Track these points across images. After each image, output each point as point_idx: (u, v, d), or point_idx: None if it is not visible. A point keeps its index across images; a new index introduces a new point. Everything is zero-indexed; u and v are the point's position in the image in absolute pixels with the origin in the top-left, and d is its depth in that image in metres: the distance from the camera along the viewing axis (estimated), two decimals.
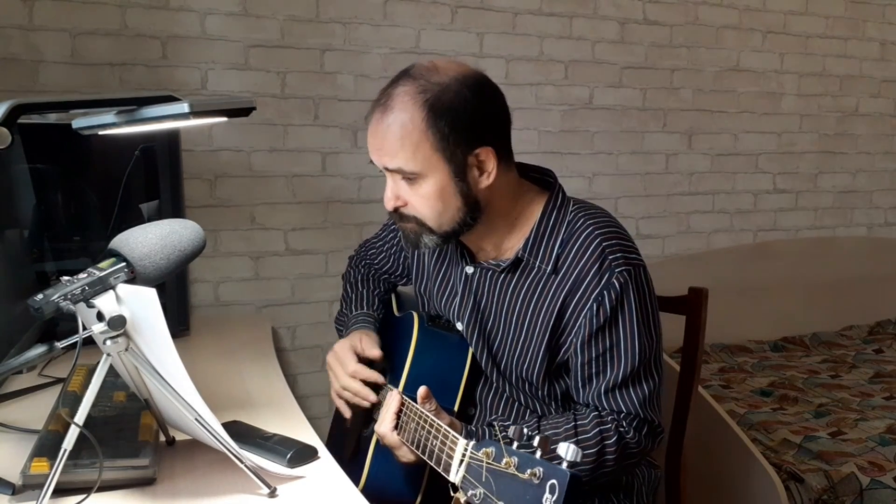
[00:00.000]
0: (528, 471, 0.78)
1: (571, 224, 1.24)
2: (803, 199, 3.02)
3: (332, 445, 1.41)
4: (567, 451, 0.78)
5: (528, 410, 1.31)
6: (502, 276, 1.29)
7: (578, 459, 0.78)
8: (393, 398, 1.19)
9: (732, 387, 2.39)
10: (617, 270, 1.18)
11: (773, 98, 2.90)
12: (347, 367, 1.34)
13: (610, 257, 1.19)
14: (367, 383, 1.33)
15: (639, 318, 1.19)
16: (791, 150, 2.97)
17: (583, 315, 1.19)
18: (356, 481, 1.28)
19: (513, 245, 1.28)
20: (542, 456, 0.79)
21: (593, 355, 1.19)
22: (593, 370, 1.20)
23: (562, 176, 1.33)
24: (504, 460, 0.81)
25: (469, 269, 1.33)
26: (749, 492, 1.73)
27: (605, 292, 1.18)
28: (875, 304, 3.10)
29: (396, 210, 1.22)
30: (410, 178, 1.18)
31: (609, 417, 1.19)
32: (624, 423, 1.18)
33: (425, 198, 1.19)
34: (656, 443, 1.24)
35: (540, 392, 1.28)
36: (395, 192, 1.21)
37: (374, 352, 1.34)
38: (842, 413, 2.17)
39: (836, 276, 2.99)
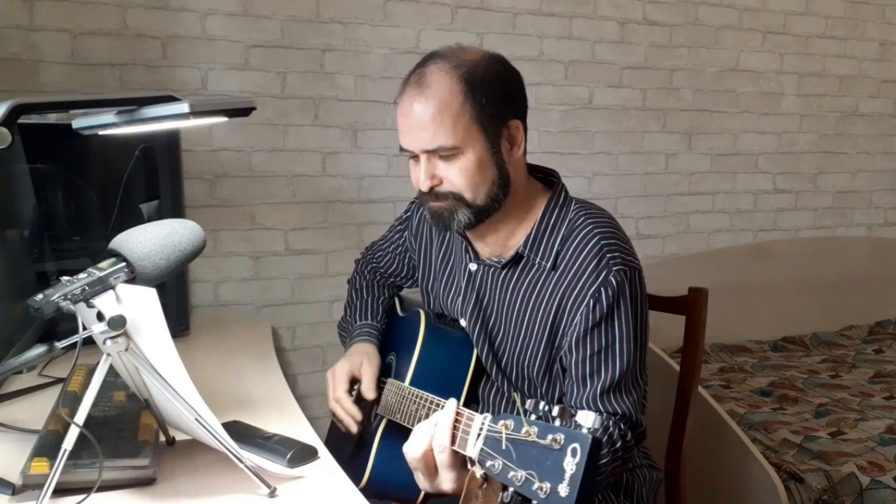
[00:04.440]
0: (550, 437, 0.78)
1: (572, 222, 1.25)
2: (803, 199, 3.02)
3: (331, 443, 1.42)
4: (587, 418, 0.78)
5: None
6: (504, 272, 1.30)
7: (598, 426, 0.77)
8: (449, 408, 0.98)
9: (732, 387, 2.39)
10: (614, 269, 1.19)
11: (773, 98, 2.90)
12: (336, 390, 1.37)
13: (608, 255, 1.20)
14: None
15: (633, 320, 1.20)
16: (791, 150, 2.97)
17: (579, 312, 1.19)
18: (359, 476, 1.29)
19: (515, 241, 1.29)
20: (562, 424, 0.79)
21: (588, 353, 1.19)
22: (588, 370, 1.19)
23: (562, 176, 1.34)
24: (524, 430, 0.81)
25: (472, 266, 1.34)
26: (749, 492, 1.73)
27: (601, 289, 1.18)
28: (875, 304, 3.10)
29: (431, 190, 1.21)
30: (449, 154, 1.18)
31: (610, 421, 1.18)
32: (621, 426, 1.18)
33: (464, 171, 1.19)
34: (640, 445, 1.26)
35: (539, 391, 1.29)
36: (430, 172, 1.20)
37: (369, 393, 1.36)
38: (842, 413, 2.17)
39: (836, 276, 2.99)
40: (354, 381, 1.39)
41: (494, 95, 1.19)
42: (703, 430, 1.73)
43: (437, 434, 0.97)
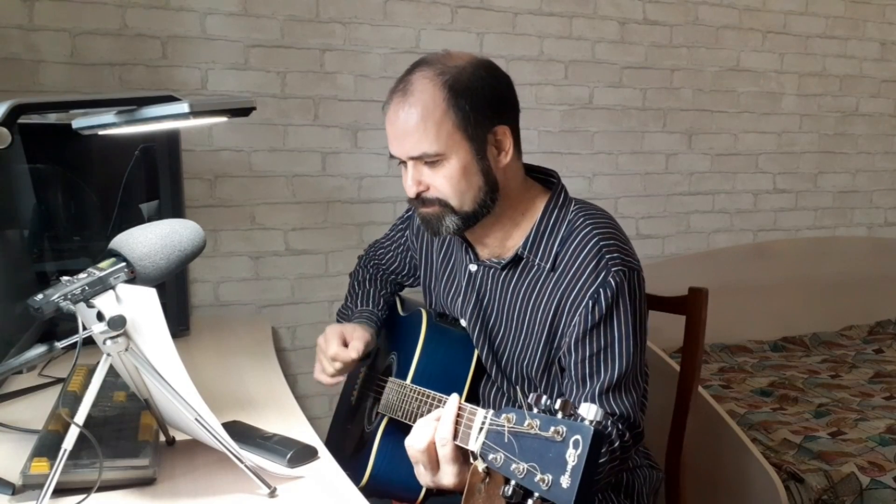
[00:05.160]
0: (552, 429, 0.78)
1: (571, 223, 1.25)
2: (803, 199, 3.02)
3: (331, 443, 1.42)
4: (589, 410, 0.78)
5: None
6: (503, 273, 1.30)
7: (600, 418, 0.77)
8: (451, 403, 0.98)
9: (732, 387, 2.39)
10: (613, 269, 1.19)
11: (773, 98, 2.90)
12: (330, 348, 1.35)
13: (607, 256, 1.20)
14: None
15: (632, 320, 1.20)
16: (791, 150, 2.97)
17: (578, 312, 1.20)
18: (359, 476, 1.29)
19: (514, 243, 1.29)
20: (564, 417, 0.79)
21: (587, 354, 1.19)
22: (587, 370, 1.20)
23: (562, 176, 1.34)
24: (526, 422, 0.81)
25: (472, 267, 1.34)
26: (749, 492, 1.73)
27: (600, 290, 1.18)
28: (875, 304, 3.10)
29: (418, 196, 1.23)
30: (433, 161, 1.19)
31: (608, 421, 1.18)
32: (620, 426, 1.18)
33: (448, 178, 1.20)
34: (638, 445, 1.25)
35: (538, 391, 1.28)
36: (416, 178, 1.22)
37: (353, 351, 1.33)
38: (842, 413, 2.17)
39: (836, 276, 2.99)
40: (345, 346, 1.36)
41: (479, 102, 1.19)
42: (703, 430, 1.73)
43: (439, 428, 0.97)
